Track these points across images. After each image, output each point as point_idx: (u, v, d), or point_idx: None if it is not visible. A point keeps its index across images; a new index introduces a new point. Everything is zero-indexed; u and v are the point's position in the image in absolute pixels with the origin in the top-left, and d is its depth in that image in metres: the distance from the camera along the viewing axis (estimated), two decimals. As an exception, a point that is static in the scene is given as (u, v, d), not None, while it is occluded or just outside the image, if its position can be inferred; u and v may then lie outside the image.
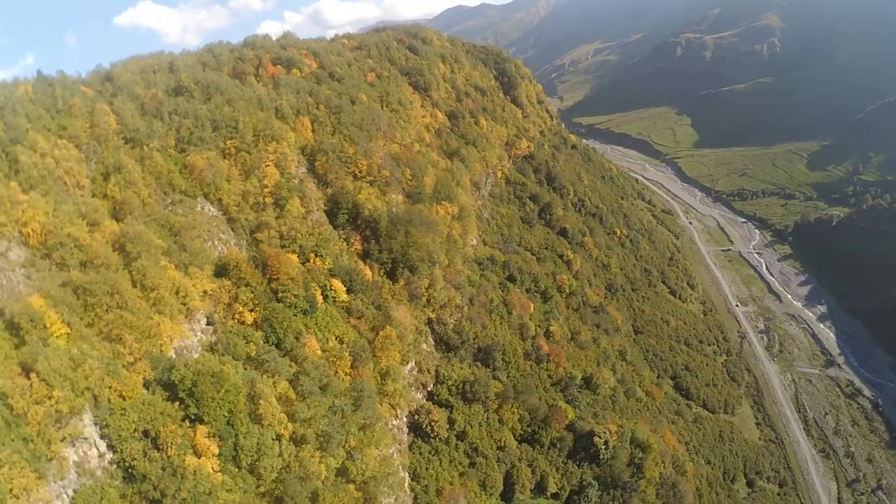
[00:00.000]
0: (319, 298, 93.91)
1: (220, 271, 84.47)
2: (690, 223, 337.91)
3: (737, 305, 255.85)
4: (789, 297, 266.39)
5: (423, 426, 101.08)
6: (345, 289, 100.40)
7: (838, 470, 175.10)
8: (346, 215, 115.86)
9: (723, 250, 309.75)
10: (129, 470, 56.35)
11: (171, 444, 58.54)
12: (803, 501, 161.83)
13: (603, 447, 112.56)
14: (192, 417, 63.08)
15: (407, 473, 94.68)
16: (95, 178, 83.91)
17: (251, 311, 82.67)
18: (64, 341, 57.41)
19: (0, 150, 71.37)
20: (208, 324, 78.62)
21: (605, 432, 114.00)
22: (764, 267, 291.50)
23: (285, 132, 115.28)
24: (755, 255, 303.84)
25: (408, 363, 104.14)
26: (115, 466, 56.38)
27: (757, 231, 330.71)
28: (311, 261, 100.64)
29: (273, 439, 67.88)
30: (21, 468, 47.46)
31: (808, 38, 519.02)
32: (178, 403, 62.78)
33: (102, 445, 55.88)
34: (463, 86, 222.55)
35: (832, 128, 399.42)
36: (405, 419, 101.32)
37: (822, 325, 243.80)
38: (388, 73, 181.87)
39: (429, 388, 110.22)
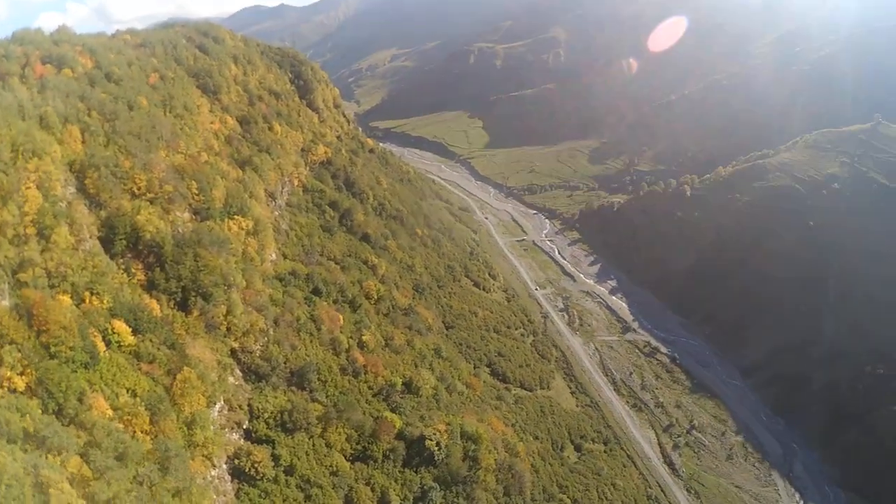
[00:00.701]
0: (101, 346, 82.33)
1: None
2: (486, 218, 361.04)
3: (536, 289, 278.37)
4: (582, 276, 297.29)
5: (246, 469, 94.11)
6: (129, 329, 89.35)
7: (652, 420, 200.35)
8: (124, 241, 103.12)
9: (518, 240, 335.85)
10: None
11: None
12: (629, 453, 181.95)
13: (436, 448, 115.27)
14: None
15: None
16: None
17: (20, 374, 69.18)
18: None
19: None
20: None
21: (434, 433, 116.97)
22: (556, 252, 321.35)
23: (50, 145, 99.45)
24: (548, 242, 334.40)
25: (216, 404, 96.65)
26: None
27: (547, 221, 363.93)
28: (87, 300, 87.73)
29: None
30: None
31: (589, 49, 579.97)
32: None
33: None
34: (256, 89, 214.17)
35: (610, 128, 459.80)
36: (225, 467, 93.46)
37: (614, 298, 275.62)
38: (174, 75, 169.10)
39: (244, 426, 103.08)
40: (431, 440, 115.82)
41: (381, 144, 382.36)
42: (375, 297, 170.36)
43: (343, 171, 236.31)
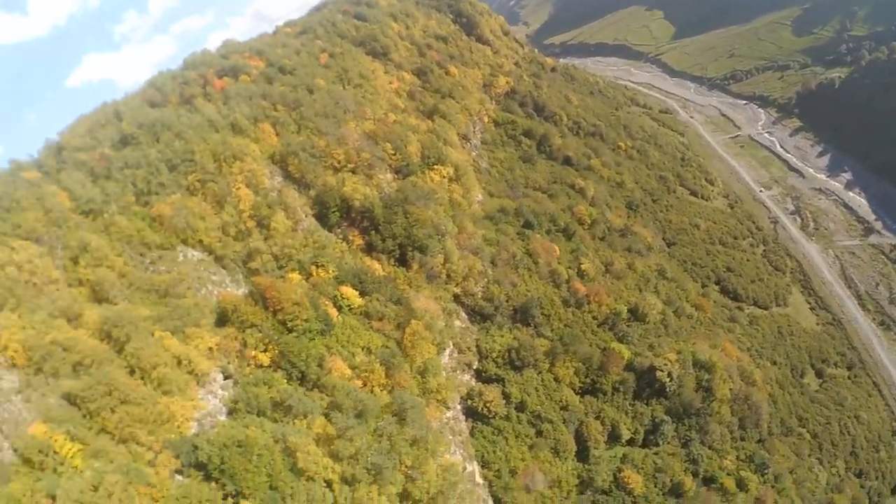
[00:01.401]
0: (333, 312, 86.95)
1: (222, 319, 77.78)
2: (692, 117, 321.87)
3: (761, 191, 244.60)
4: (811, 170, 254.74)
5: (479, 409, 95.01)
6: (357, 293, 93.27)
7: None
8: (337, 213, 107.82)
9: (731, 137, 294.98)
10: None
11: None
12: (875, 379, 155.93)
13: (668, 380, 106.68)
14: (234, 494, 57.16)
15: (476, 463, 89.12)
16: (66, 265, 76.89)
17: (264, 351, 75.95)
18: (79, 459, 53.31)
19: None
20: (226, 378, 72.59)
21: (665, 363, 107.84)
22: (777, 145, 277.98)
23: (247, 146, 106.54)
24: (765, 134, 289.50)
25: (445, 349, 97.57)
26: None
27: (761, 110, 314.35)
28: (314, 273, 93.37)
29: (323, 488, 61.86)
30: None
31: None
32: (214, 483, 56.95)
33: None
34: (422, 38, 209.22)
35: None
36: (459, 408, 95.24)
37: (851, 193, 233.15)
38: (342, 49, 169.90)
39: (474, 367, 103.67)
40: (662, 371, 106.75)
41: (560, 61, 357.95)
42: (588, 221, 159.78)
43: (529, 96, 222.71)
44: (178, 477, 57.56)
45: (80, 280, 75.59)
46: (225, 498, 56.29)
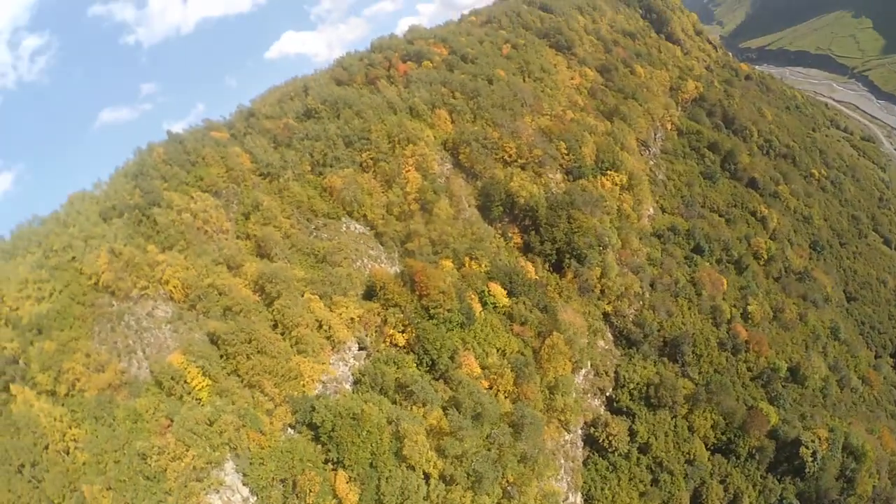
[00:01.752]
0: (477, 307, 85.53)
1: (370, 293, 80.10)
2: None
3: None
4: None
5: (600, 440, 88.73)
6: (505, 292, 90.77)
7: None
8: (500, 207, 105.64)
9: None
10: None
11: (310, 491, 56.81)
12: None
13: (810, 459, 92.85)
14: (335, 461, 60.76)
15: (580, 496, 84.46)
16: (238, 219, 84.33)
17: (402, 332, 77.07)
18: (206, 394, 59.59)
19: (140, 214, 73.70)
20: (360, 349, 75.78)
21: (813, 440, 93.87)
22: None
23: (421, 130, 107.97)
24: None
25: (581, 369, 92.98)
26: (259, 509, 57.89)
27: None
28: (467, 264, 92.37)
29: (420, 480, 62.66)
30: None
31: None
32: (321, 446, 61.27)
33: (245, 491, 56.51)
34: (609, 34, 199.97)
35: None
36: (580, 432, 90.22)
37: None
38: (525, 41, 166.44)
39: (607, 393, 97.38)
40: (807, 448, 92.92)
41: (756, 68, 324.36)
42: (765, 256, 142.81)
43: (719, 105, 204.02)
44: (291, 431, 61.92)
45: (247, 234, 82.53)
46: (326, 462, 59.87)
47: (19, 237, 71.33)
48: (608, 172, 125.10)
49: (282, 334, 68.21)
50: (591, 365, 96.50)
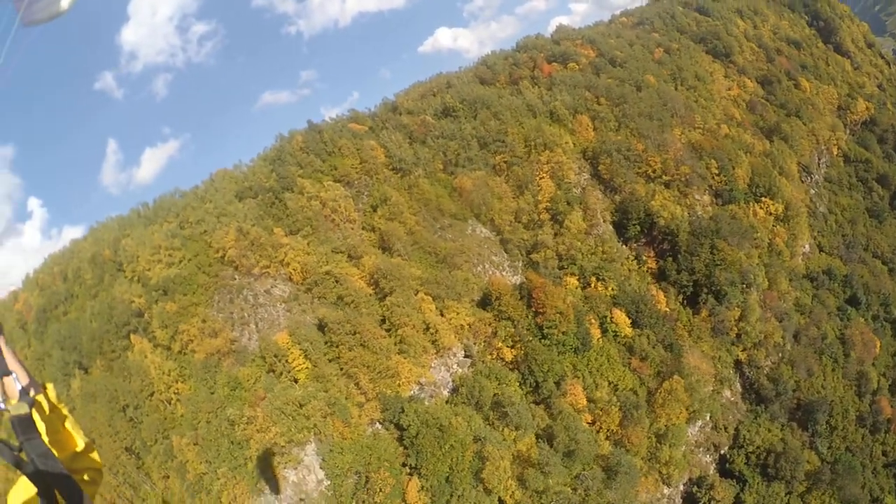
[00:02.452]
0: (596, 333, 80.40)
1: (485, 301, 77.83)
2: None
3: None
4: None
5: (701, 502, 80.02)
6: (629, 321, 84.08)
7: None
8: (637, 226, 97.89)
9: None
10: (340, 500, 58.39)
11: (381, 490, 57.64)
12: None
13: None
14: (412, 467, 61.12)
15: None
16: (366, 210, 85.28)
17: (511, 347, 74.26)
18: (304, 375, 62.34)
19: (273, 197, 77.13)
20: (466, 356, 74.48)
21: None
22: None
23: (560, 136, 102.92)
24: None
25: (698, 420, 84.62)
26: (331, 493, 58.87)
27: None
28: (593, 285, 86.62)
29: None
30: (237, 482, 55.52)
31: None
32: (403, 448, 62.12)
33: (321, 474, 58.56)
34: (771, 41, 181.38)
35: None
36: (681, 488, 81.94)
37: None
38: (679, 45, 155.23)
39: (721, 451, 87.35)
40: None
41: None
42: None
43: (892, 131, 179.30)
44: (378, 426, 63.11)
45: (373, 226, 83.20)
46: (403, 465, 60.43)
47: (160, 206, 79.63)
48: (762, 199, 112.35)
49: (387, 331, 69.39)
50: (711, 417, 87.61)
